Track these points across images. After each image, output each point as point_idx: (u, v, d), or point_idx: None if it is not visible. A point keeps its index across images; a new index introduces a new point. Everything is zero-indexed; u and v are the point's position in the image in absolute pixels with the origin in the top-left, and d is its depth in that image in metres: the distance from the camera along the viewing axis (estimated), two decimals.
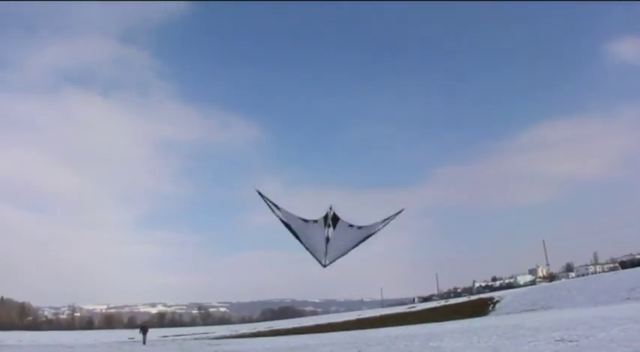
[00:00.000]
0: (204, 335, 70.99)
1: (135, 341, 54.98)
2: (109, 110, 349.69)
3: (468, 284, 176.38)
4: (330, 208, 11.79)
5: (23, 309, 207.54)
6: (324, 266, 11.05)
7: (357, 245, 11.81)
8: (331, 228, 11.64)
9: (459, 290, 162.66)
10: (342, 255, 12.05)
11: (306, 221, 11.83)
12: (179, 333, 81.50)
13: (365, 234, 12.58)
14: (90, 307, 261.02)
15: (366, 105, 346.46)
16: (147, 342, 48.99)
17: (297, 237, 11.68)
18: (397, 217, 14.20)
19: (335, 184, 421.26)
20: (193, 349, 36.46)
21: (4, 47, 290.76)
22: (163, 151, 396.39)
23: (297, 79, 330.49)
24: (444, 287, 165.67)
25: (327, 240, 11.10)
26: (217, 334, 74.16)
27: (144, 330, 51.98)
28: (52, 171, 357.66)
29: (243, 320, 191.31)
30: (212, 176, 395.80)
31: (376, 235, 14.28)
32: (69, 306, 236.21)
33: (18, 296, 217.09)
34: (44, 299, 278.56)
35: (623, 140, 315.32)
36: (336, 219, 11.60)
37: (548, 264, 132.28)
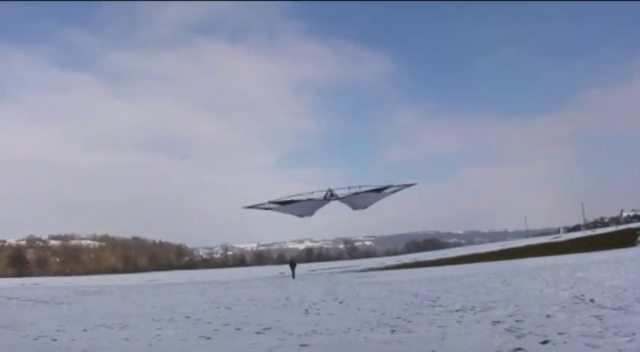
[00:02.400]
0: (351, 268, 72.29)
1: (285, 276, 57.00)
2: (239, 56, 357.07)
3: (615, 213, 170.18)
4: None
5: (180, 250, 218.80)
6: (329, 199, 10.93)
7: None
8: (332, 202, 11.20)
9: (605, 220, 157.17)
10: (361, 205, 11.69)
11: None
12: (327, 267, 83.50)
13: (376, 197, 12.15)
14: (241, 246, 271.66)
15: (503, 30, 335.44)
16: (296, 276, 50.98)
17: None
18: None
19: (474, 113, 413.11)
20: (341, 281, 37.50)
21: (135, 8, 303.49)
22: (298, 90, 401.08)
23: (427, 6, 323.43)
24: (590, 217, 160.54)
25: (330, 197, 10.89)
26: (364, 266, 75.36)
27: (292, 265, 54.14)
28: (193, 119, 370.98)
29: (388, 253, 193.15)
30: (348, 111, 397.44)
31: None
32: (222, 246, 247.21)
33: (174, 239, 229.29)
34: (198, 241, 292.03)
35: None
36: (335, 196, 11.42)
37: None
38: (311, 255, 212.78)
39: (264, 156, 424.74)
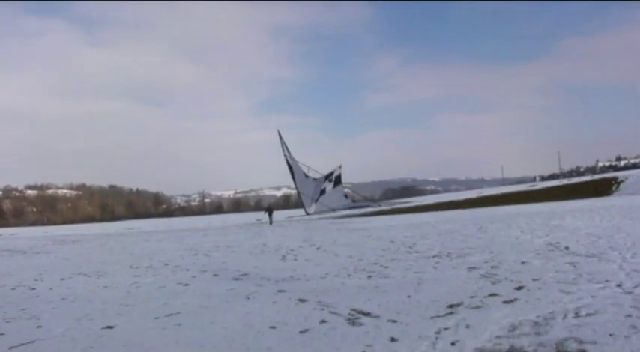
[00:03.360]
0: (328, 215, 72.48)
1: (262, 222, 57.11)
2: (214, 1, 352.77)
3: (591, 163, 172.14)
4: (340, 167, 12.37)
5: (157, 198, 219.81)
6: (307, 214, 11.82)
7: (341, 209, 12.75)
8: (331, 184, 12.18)
9: (581, 170, 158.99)
10: (327, 211, 12.69)
11: (306, 176, 12.64)
12: (304, 214, 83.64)
13: (352, 205, 13.41)
14: (218, 193, 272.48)
15: None
16: (273, 222, 51.18)
17: (294, 179, 12.52)
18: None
19: (453, 60, 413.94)
20: (318, 227, 37.60)
21: None
22: (274, 36, 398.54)
23: None
24: (566, 166, 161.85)
25: (323, 192, 11.70)
26: (341, 213, 75.62)
27: (269, 211, 54.32)
28: (169, 66, 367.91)
29: (366, 200, 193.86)
30: (326, 58, 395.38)
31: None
32: (199, 193, 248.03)
33: (151, 187, 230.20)
34: (176, 189, 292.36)
35: None
36: (338, 180, 12.24)
37: None
38: (288, 202, 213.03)
39: (241, 102, 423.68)
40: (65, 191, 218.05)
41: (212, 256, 20.48)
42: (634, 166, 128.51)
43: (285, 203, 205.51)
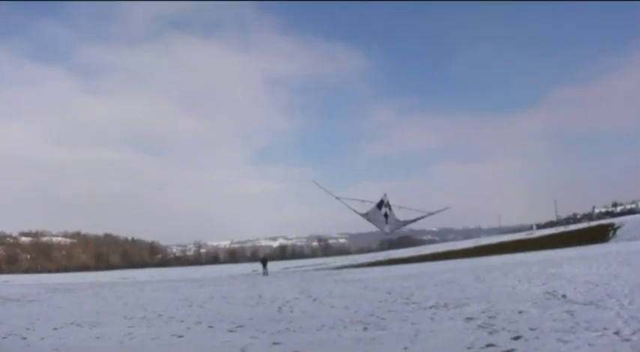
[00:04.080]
0: (324, 266, 72.09)
1: (258, 273, 56.91)
2: (212, 51, 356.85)
3: (587, 210, 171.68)
4: (385, 195, 13.22)
5: (153, 248, 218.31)
6: (386, 233, 12.76)
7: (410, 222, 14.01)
8: (387, 208, 13.21)
9: (578, 217, 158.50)
10: (401, 226, 13.81)
11: (364, 214, 13.62)
12: (300, 265, 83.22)
13: (412, 220, 14.60)
14: (214, 243, 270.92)
15: (478, 28, 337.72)
16: (269, 274, 50.97)
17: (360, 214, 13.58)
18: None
19: (448, 110, 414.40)
20: (314, 279, 37.43)
21: (109, 2, 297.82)
22: (272, 87, 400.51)
23: (401, 4, 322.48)
24: (563, 214, 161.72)
25: (386, 216, 12.56)
26: (337, 264, 75.14)
27: (264, 262, 54.35)
28: (166, 114, 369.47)
29: (362, 251, 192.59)
30: (324, 108, 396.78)
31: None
32: (195, 243, 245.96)
33: (147, 236, 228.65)
34: (172, 238, 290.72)
35: None
36: (389, 205, 13.34)
37: None
38: (284, 253, 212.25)
39: (238, 152, 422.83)
40: (60, 238, 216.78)
41: (207, 307, 20.33)
42: (630, 212, 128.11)
43: (282, 254, 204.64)
